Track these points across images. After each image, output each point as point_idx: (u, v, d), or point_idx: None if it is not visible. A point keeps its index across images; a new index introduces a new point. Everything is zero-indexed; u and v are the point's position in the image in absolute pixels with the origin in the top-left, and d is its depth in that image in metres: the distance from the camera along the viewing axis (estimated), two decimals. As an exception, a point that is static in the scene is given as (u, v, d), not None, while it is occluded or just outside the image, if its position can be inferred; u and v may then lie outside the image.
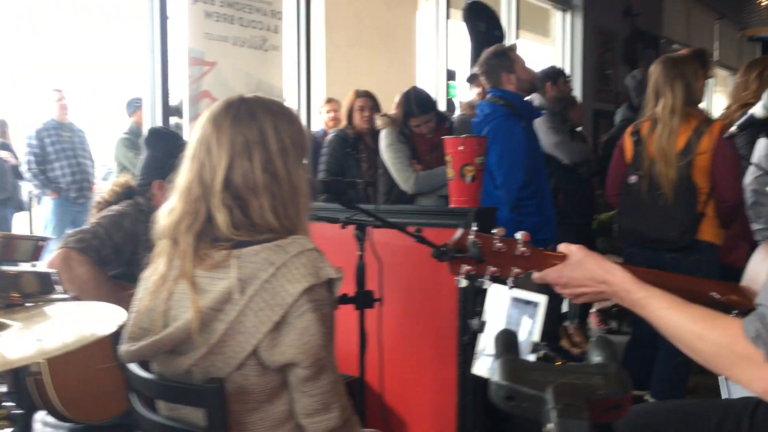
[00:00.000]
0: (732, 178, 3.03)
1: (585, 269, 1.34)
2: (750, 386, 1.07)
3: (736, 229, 3.29)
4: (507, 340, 0.54)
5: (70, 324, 1.48)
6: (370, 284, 2.33)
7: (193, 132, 1.49)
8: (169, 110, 3.15)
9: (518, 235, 1.41)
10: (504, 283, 1.44)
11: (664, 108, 3.09)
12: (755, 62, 3.63)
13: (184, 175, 1.45)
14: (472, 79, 4.16)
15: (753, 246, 3.26)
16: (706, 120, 3.05)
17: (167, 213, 1.45)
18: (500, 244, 1.38)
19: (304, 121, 3.81)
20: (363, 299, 2.28)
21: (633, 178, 3.24)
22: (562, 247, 1.40)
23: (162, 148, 2.46)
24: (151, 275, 1.47)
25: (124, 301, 1.55)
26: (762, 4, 6.15)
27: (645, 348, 3.44)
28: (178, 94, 3.28)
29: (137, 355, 1.40)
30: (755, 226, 3.15)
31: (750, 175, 3.09)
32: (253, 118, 1.43)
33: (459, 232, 1.39)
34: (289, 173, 1.44)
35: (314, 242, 1.42)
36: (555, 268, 1.37)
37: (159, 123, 3.12)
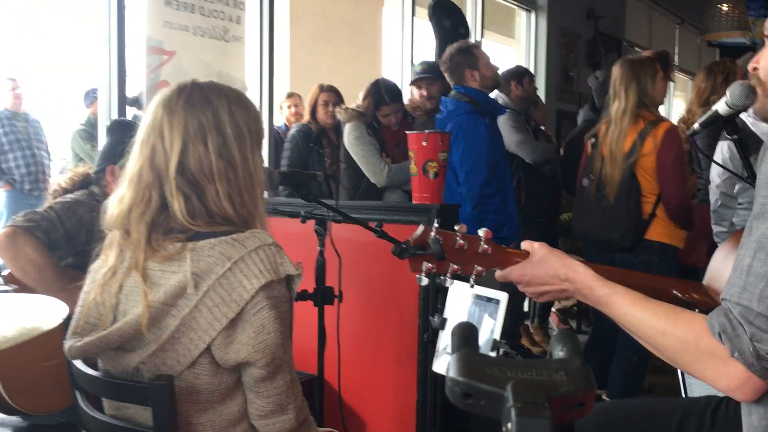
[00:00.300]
0: (674, 180, 3.03)
1: (548, 267, 1.32)
2: (715, 383, 1.05)
3: (695, 231, 3.32)
4: (465, 333, 0.50)
5: (11, 317, 1.41)
6: (330, 280, 2.29)
7: (144, 118, 1.43)
8: (125, 100, 3.05)
9: (480, 233, 1.39)
10: (466, 280, 1.42)
11: (617, 110, 3.11)
12: (717, 65, 3.66)
13: (134, 161, 1.39)
14: (416, 81, 4.10)
15: (713, 247, 3.30)
16: (653, 122, 3.06)
17: (117, 202, 1.38)
18: (462, 242, 1.35)
19: (266, 115, 3.74)
20: (322, 296, 2.23)
21: (585, 181, 3.26)
22: (525, 245, 1.38)
23: (118, 134, 2.38)
24: (101, 267, 1.41)
25: (68, 292, 1.48)
26: (723, 9, 6.26)
27: (603, 346, 3.46)
28: (137, 85, 3.19)
29: (83, 351, 1.34)
30: (717, 228, 3.16)
31: (717, 177, 3.10)
32: (208, 102, 1.38)
33: (420, 229, 1.36)
34: (245, 160, 1.39)
35: (273, 236, 1.37)
36: (518, 265, 1.35)
37: (115, 114, 3.02)
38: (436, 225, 1.35)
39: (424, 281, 1.39)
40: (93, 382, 1.38)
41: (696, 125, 1.72)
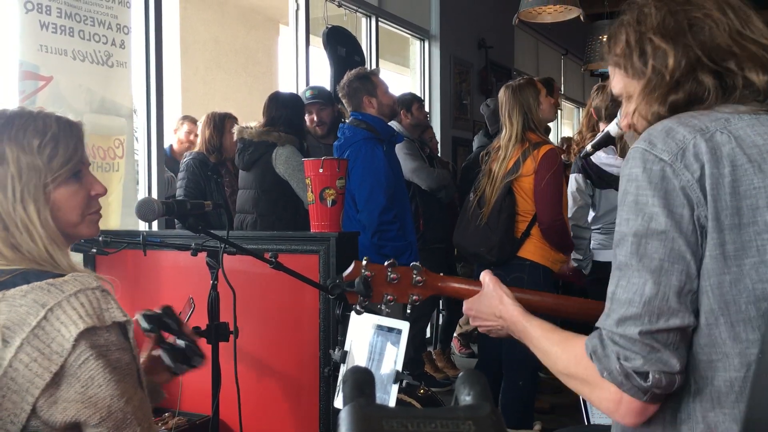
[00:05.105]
0: (546, 202, 3.10)
1: (489, 302, 1.33)
2: (598, 406, 1.07)
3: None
4: (358, 381, 0.44)
5: None
6: (226, 316, 2.17)
7: None
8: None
9: (413, 266, 1.46)
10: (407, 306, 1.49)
11: (505, 137, 3.19)
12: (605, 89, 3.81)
13: None
14: (306, 106, 4.07)
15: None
16: (536, 144, 3.13)
17: None
18: (394, 275, 1.42)
19: (155, 143, 3.57)
20: (216, 332, 2.11)
21: (471, 195, 3.32)
22: (482, 276, 1.40)
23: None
24: None
25: None
26: (603, 41, 6.58)
27: (490, 370, 3.45)
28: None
29: None
30: (574, 255, 3.29)
31: (569, 210, 3.24)
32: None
33: (352, 266, 1.44)
34: (20, 201, 1.26)
35: (165, 266, 1.26)
36: (470, 299, 1.38)
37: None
38: (365, 260, 1.44)
39: (360, 311, 1.51)
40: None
41: (588, 147, 1.75)
